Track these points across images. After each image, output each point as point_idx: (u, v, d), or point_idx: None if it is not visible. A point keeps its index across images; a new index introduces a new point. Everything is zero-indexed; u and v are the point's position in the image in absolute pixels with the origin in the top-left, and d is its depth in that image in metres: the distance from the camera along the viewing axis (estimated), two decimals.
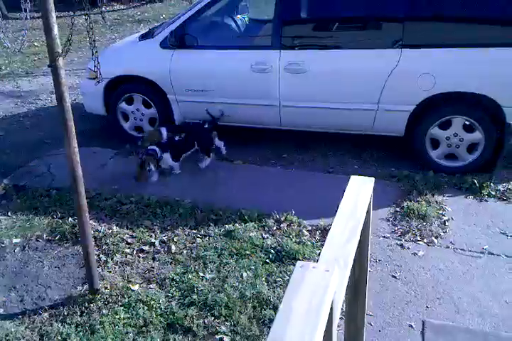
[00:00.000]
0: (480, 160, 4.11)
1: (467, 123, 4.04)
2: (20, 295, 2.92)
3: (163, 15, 12.45)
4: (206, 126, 4.52)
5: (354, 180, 1.71)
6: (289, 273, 2.99)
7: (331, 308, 1.07)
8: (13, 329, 2.64)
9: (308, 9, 4.40)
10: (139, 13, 13.56)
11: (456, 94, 3.97)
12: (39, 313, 2.76)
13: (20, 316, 2.75)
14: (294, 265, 1.12)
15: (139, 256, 3.23)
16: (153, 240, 3.37)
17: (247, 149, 4.85)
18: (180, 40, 4.56)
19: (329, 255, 1.29)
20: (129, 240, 3.38)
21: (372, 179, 1.76)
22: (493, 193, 3.84)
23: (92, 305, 2.79)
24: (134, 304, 2.77)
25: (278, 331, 0.92)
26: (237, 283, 2.91)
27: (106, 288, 2.90)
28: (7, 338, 2.58)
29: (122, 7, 14.43)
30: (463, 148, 4.12)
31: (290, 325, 0.93)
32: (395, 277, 2.99)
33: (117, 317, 2.69)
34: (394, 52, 4.02)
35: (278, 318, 0.95)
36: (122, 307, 2.76)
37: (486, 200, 3.79)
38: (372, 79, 4.10)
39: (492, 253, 3.17)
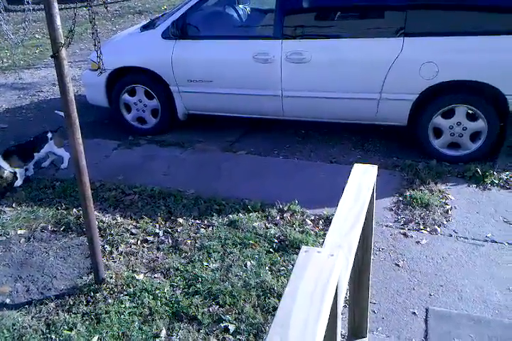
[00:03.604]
0: (483, 148, 4.10)
1: (470, 111, 4.03)
2: (26, 286, 2.95)
3: (165, 6, 12.38)
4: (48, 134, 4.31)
5: (357, 167, 1.72)
6: (292, 262, 3.01)
7: (336, 292, 1.08)
8: (19, 319, 2.67)
9: None
10: (139, 4, 13.48)
11: (459, 83, 3.95)
12: (45, 303, 2.79)
13: (26, 306, 2.78)
14: (298, 254, 1.13)
15: (143, 246, 3.25)
16: (157, 230, 3.39)
17: (250, 139, 4.85)
18: (181, 30, 4.55)
19: (333, 240, 1.30)
20: (133, 230, 3.40)
21: (375, 166, 1.76)
22: (497, 182, 3.84)
23: (97, 294, 2.82)
24: (139, 293, 2.80)
25: (284, 314, 0.93)
26: (241, 272, 2.93)
27: (111, 277, 2.92)
28: (14, 327, 2.61)
29: None
30: (466, 137, 4.11)
31: (295, 308, 0.94)
32: (398, 265, 3.01)
33: (123, 306, 2.71)
34: (396, 40, 4.00)
35: (283, 302, 0.96)
36: (127, 297, 2.78)
37: (489, 189, 3.79)
38: (375, 69, 4.08)
39: (495, 242, 3.18)
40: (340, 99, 4.28)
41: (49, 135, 4.28)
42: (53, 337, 2.54)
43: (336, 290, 1.10)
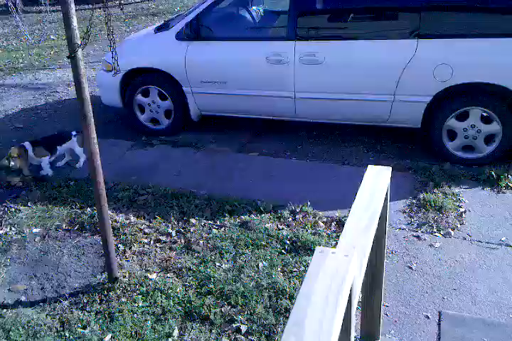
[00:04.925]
0: (497, 151, 4.06)
1: (485, 114, 4.00)
2: (41, 283, 2.98)
3: (178, 8, 12.46)
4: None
5: (371, 169, 1.72)
6: (304, 263, 3.01)
7: (350, 293, 1.08)
8: (34, 316, 2.70)
9: (324, 0, 4.38)
10: (153, 5, 13.58)
11: (474, 85, 3.92)
12: (59, 301, 2.82)
13: (41, 303, 2.82)
14: (310, 256, 1.14)
15: (156, 246, 3.27)
16: (169, 230, 3.41)
17: (262, 141, 4.86)
18: (195, 31, 4.58)
19: (347, 241, 1.30)
20: (146, 230, 3.43)
21: (389, 168, 1.76)
22: (511, 185, 3.81)
23: (111, 293, 2.84)
24: (152, 292, 2.82)
25: (299, 314, 0.94)
26: (253, 273, 2.94)
27: (124, 276, 2.95)
28: (29, 325, 2.65)
29: (137, 0, 14.46)
30: (480, 140, 4.08)
31: (311, 308, 0.94)
32: (411, 268, 2.99)
33: (136, 305, 2.74)
34: (410, 42, 3.98)
35: (299, 301, 0.97)
36: (140, 296, 2.80)
37: (504, 192, 3.75)
38: (389, 70, 4.07)
39: (509, 245, 3.15)
40: (354, 100, 4.27)
41: (73, 133, 4.39)
42: (67, 334, 2.57)
43: (351, 291, 1.10)
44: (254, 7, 5.45)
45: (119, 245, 3.26)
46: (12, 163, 4.02)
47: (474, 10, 3.90)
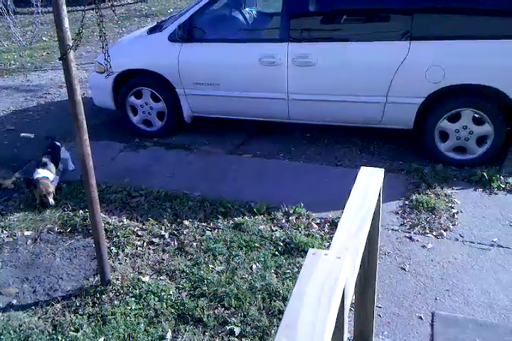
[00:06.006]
0: (489, 152, 4.08)
1: (476, 115, 4.02)
2: (32, 286, 2.96)
3: (171, 10, 12.44)
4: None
5: (364, 170, 1.72)
6: (298, 265, 3.01)
7: (343, 295, 1.08)
8: (26, 320, 2.68)
9: (317, 1, 4.39)
10: (146, 7, 13.55)
11: (466, 87, 3.94)
12: (51, 304, 2.80)
13: (33, 307, 2.79)
14: (303, 257, 1.14)
15: (149, 248, 3.26)
16: (163, 232, 3.40)
17: (256, 142, 4.86)
18: (188, 33, 4.58)
19: (340, 243, 1.30)
20: (139, 232, 3.41)
21: (382, 169, 1.76)
22: (503, 186, 3.83)
23: (103, 296, 2.83)
24: (144, 295, 2.81)
25: (291, 316, 0.94)
26: (246, 275, 2.94)
27: (117, 279, 2.93)
28: (21, 328, 2.63)
29: (129, 1, 14.42)
30: (472, 141, 4.10)
31: (303, 310, 0.94)
32: (404, 269, 3.00)
33: (129, 308, 2.72)
34: (403, 44, 4.00)
35: (291, 303, 0.97)
36: (133, 299, 2.79)
37: (496, 193, 3.78)
38: (381, 72, 4.08)
39: (501, 246, 3.17)
40: (346, 102, 4.28)
41: (57, 143, 4.29)
42: (59, 338, 2.56)
43: (343, 292, 1.10)
44: (247, 9, 5.45)
45: (112, 247, 3.25)
46: (51, 201, 3.74)
47: (466, 12, 3.93)
